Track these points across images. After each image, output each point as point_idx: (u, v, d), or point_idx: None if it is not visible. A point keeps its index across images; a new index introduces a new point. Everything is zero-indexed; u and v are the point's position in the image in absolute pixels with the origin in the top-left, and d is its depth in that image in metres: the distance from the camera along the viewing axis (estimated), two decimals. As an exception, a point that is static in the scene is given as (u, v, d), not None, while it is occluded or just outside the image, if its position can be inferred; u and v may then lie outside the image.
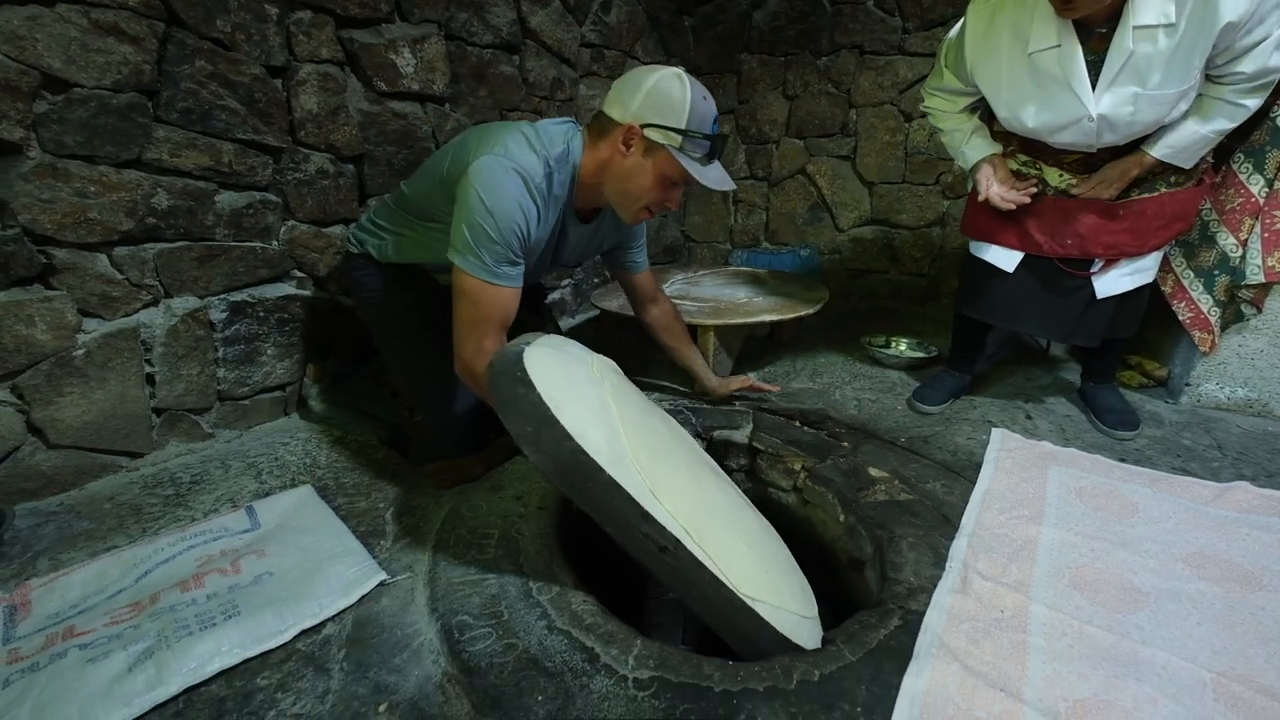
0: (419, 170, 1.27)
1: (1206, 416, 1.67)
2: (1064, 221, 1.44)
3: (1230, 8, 1.07)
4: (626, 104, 1.09)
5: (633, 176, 1.12)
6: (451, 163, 1.13)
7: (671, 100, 1.06)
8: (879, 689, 0.82)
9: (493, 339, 1.09)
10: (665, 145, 1.08)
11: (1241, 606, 0.97)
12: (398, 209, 1.27)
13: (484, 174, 1.03)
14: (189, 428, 1.44)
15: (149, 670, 0.81)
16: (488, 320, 1.08)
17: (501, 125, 1.14)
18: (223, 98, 1.33)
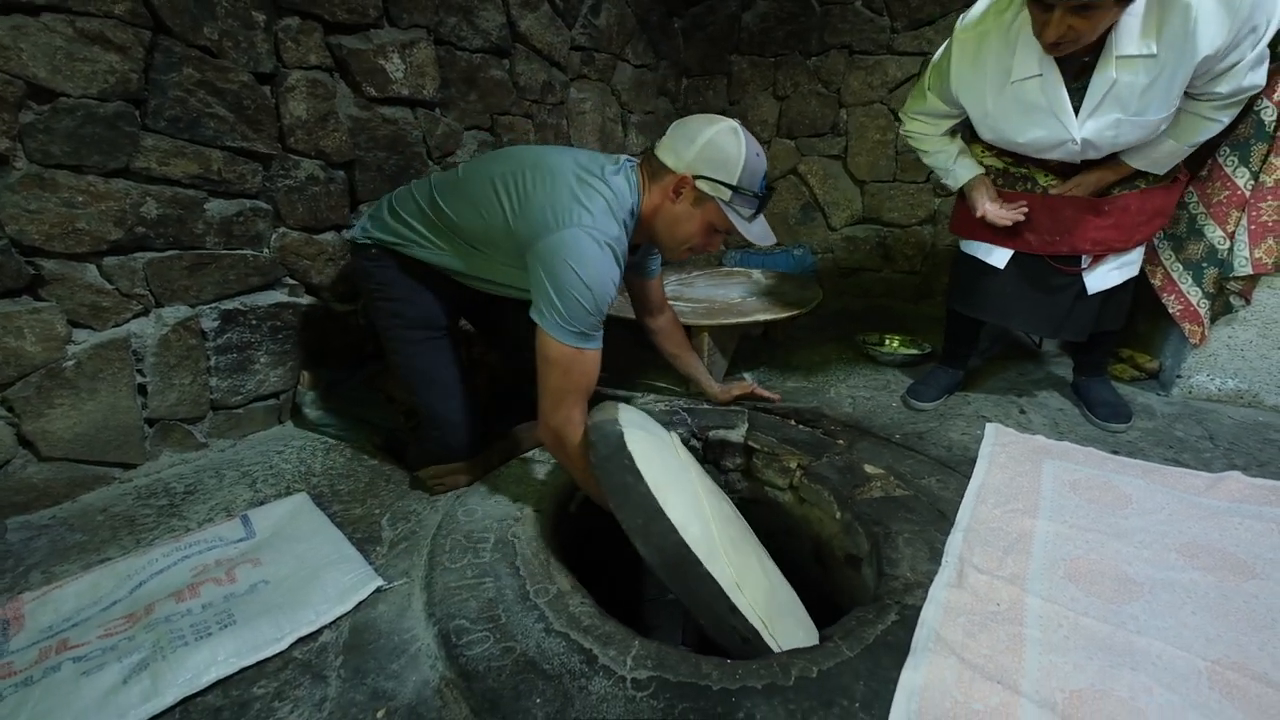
0: (458, 190, 1.19)
1: (1198, 408, 1.68)
2: (1052, 219, 1.45)
3: (1208, 41, 1.09)
4: (681, 153, 1.11)
5: (680, 223, 1.15)
6: (519, 215, 1.09)
7: (727, 156, 1.08)
8: (877, 684, 0.82)
9: (580, 407, 1.10)
10: (715, 197, 1.11)
11: (1235, 595, 0.98)
12: (439, 223, 1.21)
13: (578, 249, 1.03)
14: (182, 437, 1.43)
15: (144, 682, 0.81)
16: (577, 389, 1.08)
17: (571, 171, 1.10)
18: (211, 105, 1.32)
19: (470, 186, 1.18)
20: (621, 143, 2.72)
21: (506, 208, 1.11)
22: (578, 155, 1.16)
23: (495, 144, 2.07)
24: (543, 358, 1.06)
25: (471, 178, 1.19)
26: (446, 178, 1.24)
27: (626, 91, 2.67)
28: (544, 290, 1.04)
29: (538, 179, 1.10)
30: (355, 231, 1.32)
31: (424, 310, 1.30)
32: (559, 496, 1.28)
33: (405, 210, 1.26)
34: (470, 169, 1.22)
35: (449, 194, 1.21)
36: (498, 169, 1.15)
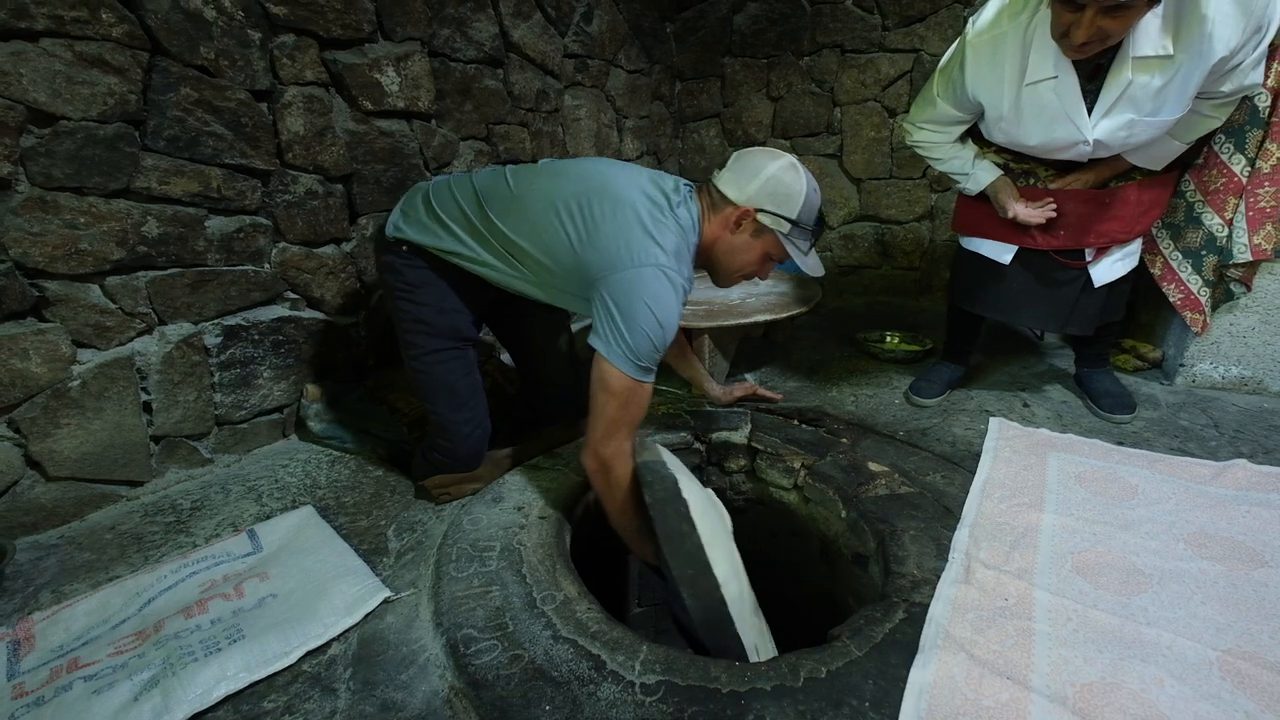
0: (515, 208, 1.16)
1: (1202, 396, 1.68)
2: (1057, 215, 1.45)
3: (1224, 42, 1.10)
4: (743, 187, 1.14)
5: (739, 253, 1.19)
6: (588, 245, 1.09)
7: (789, 192, 1.13)
8: (886, 683, 0.82)
9: (631, 439, 1.13)
10: (774, 230, 1.14)
11: (1244, 584, 0.98)
12: (486, 233, 1.18)
13: (655, 289, 1.05)
14: (188, 454, 1.44)
15: (155, 699, 0.81)
16: (631, 421, 1.10)
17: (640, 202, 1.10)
18: (209, 124, 1.34)
19: (529, 206, 1.15)
20: (617, 148, 2.73)
21: (572, 236, 1.11)
22: (641, 181, 1.15)
23: (492, 154, 2.09)
24: (603, 387, 1.07)
25: (530, 197, 1.16)
26: (494, 186, 1.20)
27: (621, 97, 2.69)
28: (614, 323, 1.05)
29: (605, 209, 1.10)
30: (387, 227, 1.25)
31: (451, 320, 1.28)
32: (564, 503, 1.29)
33: (446, 212, 1.21)
34: (526, 184, 1.17)
35: (500, 207, 1.17)
36: (559, 191, 1.14)
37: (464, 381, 1.32)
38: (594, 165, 1.20)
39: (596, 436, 1.10)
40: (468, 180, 1.24)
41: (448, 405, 1.31)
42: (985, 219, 1.54)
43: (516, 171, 1.22)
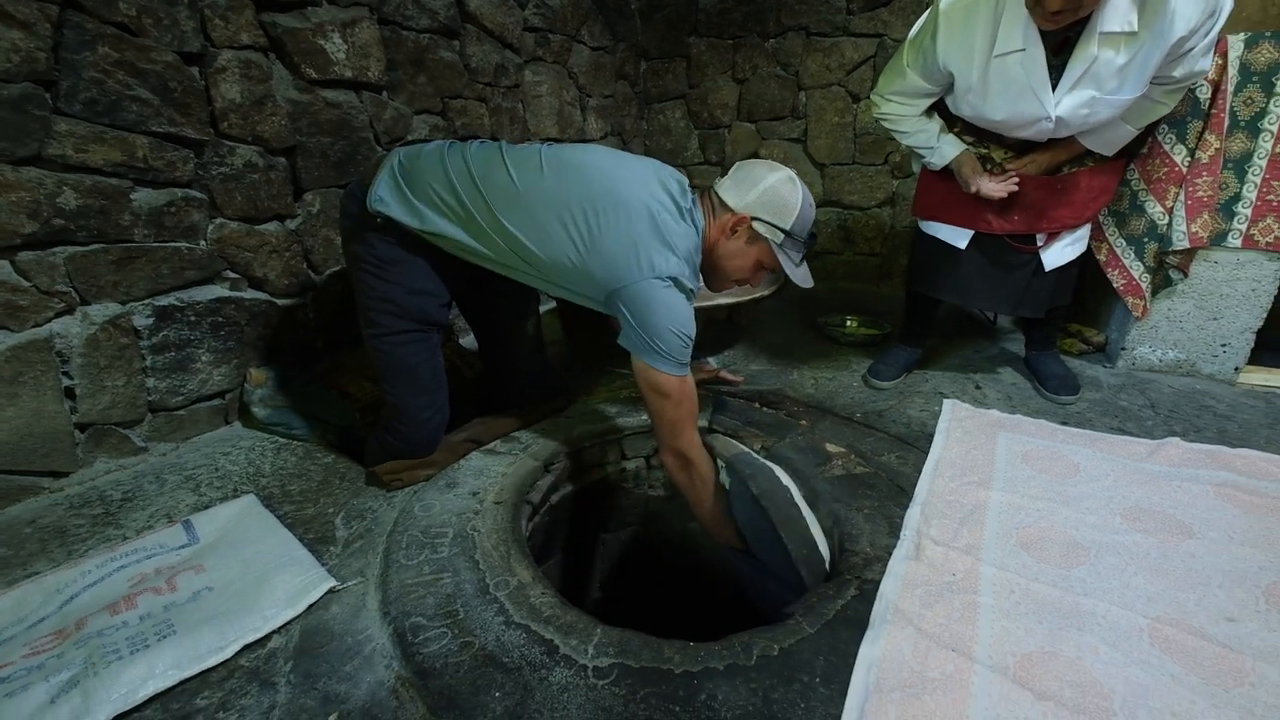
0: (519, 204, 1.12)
1: (1141, 378, 1.75)
2: (1011, 199, 1.48)
3: (1185, 20, 1.12)
4: (742, 195, 1.17)
5: (733, 258, 1.21)
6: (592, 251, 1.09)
7: (785, 203, 1.16)
8: (837, 658, 0.83)
9: (696, 430, 1.20)
10: (768, 239, 1.17)
11: (1174, 554, 1.02)
12: (486, 227, 1.14)
13: (668, 301, 1.09)
14: (118, 442, 1.36)
15: (74, 700, 0.76)
16: (692, 413, 1.17)
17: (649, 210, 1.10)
18: (132, 87, 1.24)
19: (534, 207, 1.12)
20: (580, 127, 2.67)
21: (577, 243, 1.11)
22: (650, 185, 1.13)
23: (448, 129, 2.01)
24: (655, 390, 1.13)
25: (534, 197, 1.12)
26: (494, 175, 1.14)
27: (584, 74, 2.62)
28: (639, 333, 1.09)
29: (612, 217, 1.09)
30: (369, 198, 1.16)
31: (420, 303, 1.23)
32: (521, 488, 1.26)
33: (436, 189, 1.14)
34: (531, 182, 1.12)
35: (505, 203, 1.12)
36: (565, 195, 1.11)
37: (426, 366, 1.28)
38: (599, 162, 1.16)
39: (667, 437, 1.17)
40: (462, 160, 1.16)
41: (407, 389, 1.27)
42: (944, 202, 1.56)
43: (518, 161, 1.15)
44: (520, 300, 1.47)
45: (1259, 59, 1.46)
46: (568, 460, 1.43)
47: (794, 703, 0.76)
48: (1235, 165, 1.55)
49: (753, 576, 1.25)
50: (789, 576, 1.09)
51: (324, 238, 1.68)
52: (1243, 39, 1.45)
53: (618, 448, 1.53)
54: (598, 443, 1.48)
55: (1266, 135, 1.51)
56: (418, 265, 1.21)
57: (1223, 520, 1.10)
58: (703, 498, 1.22)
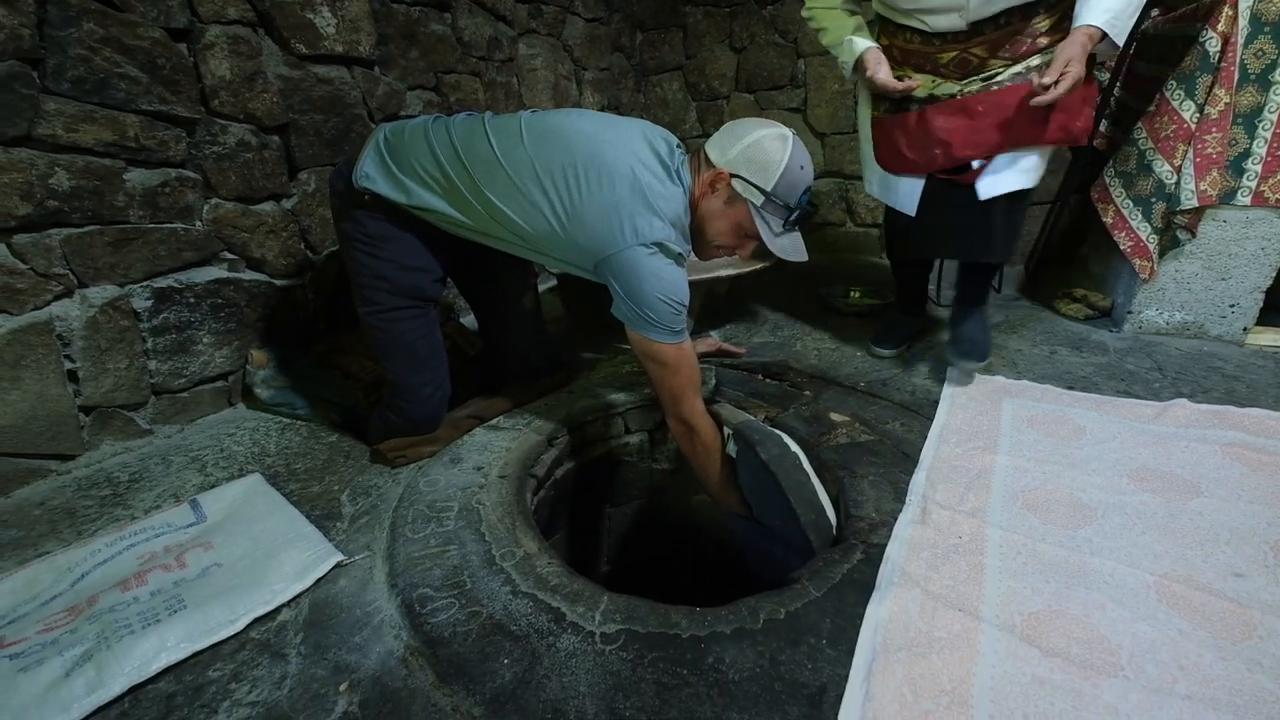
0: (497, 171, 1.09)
1: (1147, 341, 1.73)
2: (926, 132, 1.37)
3: None
4: (725, 150, 1.09)
5: (712, 219, 1.13)
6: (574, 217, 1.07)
7: (767, 160, 1.06)
8: (843, 620, 0.83)
9: (699, 397, 1.17)
10: (747, 200, 1.08)
11: (1181, 513, 1.02)
12: (471, 199, 1.12)
13: (649, 266, 1.05)
14: (123, 425, 1.36)
15: (88, 673, 0.77)
16: (693, 380, 1.14)
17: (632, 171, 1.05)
18: (120, 65, 1.22)
19: (514, 174, 1.09)
20: (577, 101, 2.62)
21: (558, 209, 1.08)
22: (635, 145, 1.09)
23: (442, 105, 1.98)
24: (651, 359, 1.11)
25: (513, 163, 1.09)
26: (475, 145, 1.12)
27: (579, 47, 2.57)
28: (628, 303, 1.07)
29: (593, 180, 1.06)
30: (356, 175, 1.15)
31: (413, 279, 1.22)
32: (526, 462, 1.26)
33: (424, 168, 1.13)
34: (510, 148, 1.10)
35: (484, 173, 1.10)
36: (544, 159, 1.08)
37: (424, 342, 1.27)
38: (582, 125, 1.12)
39: (670, 405, 1.15)
40: (446, 133, 1.15)
41: (406, 366, 1.26)
42: (886, 153, 1.49)
43: (498, 129, 1.13)
44: (517, 276, 1.45)
45: (1270, 9, 1.41)
46: (571, 435, 1.42)
47: (801, 664, 0.77)
48: (1245, 120, 1.51)
49: (757, 542, 1.26)
50: (796, 540, 1.09)
51: (321, 217, 1.67)
52: (1256, -12, 1.41)
53: (621, 422, 1.53)
54: (601, 417, 1.48)
55: (1278, 88, 1.47)
56: (408, 241, 1.20)
57: (1231, 479, 1.10)
58: (707, 465, 1.21)
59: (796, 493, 1.08)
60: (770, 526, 1.19)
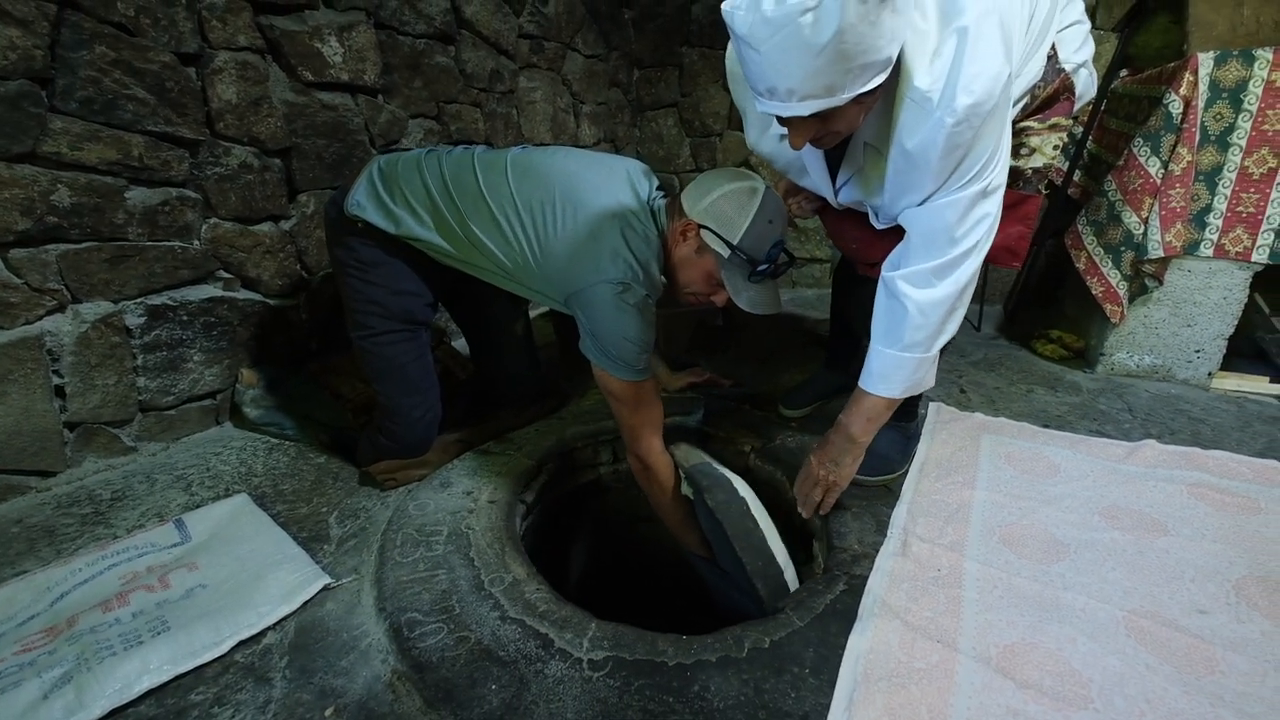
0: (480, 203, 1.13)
1: (1119, 383, 1.80)
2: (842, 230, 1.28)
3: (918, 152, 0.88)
4: (696, 201, 1.09)
5: (684, 267, 1.13)
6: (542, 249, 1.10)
7: (734, 214, 1.05)
8: (826, 650, 0.85)
9: (658, 435, 1.18)
10: (715, 251, 1.08)
11: (1149, 551, 1.06)
12: (458, 229, 1.15)
13: (611, 304, 1.06)
14: (108, 442, 1.35)
15: (68, 695, 0.76)
16: (651, 418, 1.15)
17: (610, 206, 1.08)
18: (129, 87, 1.24)
19: (495, 207, 1.13)
20: (574, 134, 2.69)
21: (531, 242, 1.11)
22: (615, 186, 1.12)
23: (443, 133, 2.02)
24: (610, 394, 1.13)
25: (495, 197, 1.13)
26: (463, 178, 1.16)
27: (578, 81, 2.65)
28: (592, 336, 1.08)
29: (567, 215, 1.09)
30: (347, 203, 1.18)
31: (405, 304, 1.24)
32: (516, 487, 1.27)
33: (415, 198, 1.16)
34: (494, 183, 1.14)
35: (470, 206, 1.14)
36: (524, 195, 1.12)
37: (415, 365, 1.29)
38: (566, 164, 1.16)
39: (628, 441, 1.18)
40: (438, 166, 1.19)
41: (398, 388, 1.27)
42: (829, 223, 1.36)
43: (486, 164, 1.17)
44: (509, 302, 1.48)
45: (1227, 76, 1.52)
46: (561, 460, 1.44)
47: (785, 692, 0.78)
48: (1206, 178, 1.61)
49: (717, 584, 1.26)
50: (746, 587, 1.08)
51: (318, 239, 1.69)
52: (1213, 56, 1.51)
53: (610, 448, 1.54)
54: (590, 443, 1.50)
55: (1235, 149, 1.57)
56: (399, 267, 1.22)
57: (1195, 518, 1.14)
58: (663, 504, 1.22)
59: (742, 540, 1.08)
60: (726, 570, 1.19)
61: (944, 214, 0.92)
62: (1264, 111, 1.52)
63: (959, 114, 0.83)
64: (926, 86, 0.85)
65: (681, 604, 1.50)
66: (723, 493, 1.12)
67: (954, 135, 0.85)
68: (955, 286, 0.96)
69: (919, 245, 0.97)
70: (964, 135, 0.85)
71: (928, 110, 0.85)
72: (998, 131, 0.90)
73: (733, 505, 1.11)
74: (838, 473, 1.12)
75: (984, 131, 0.87)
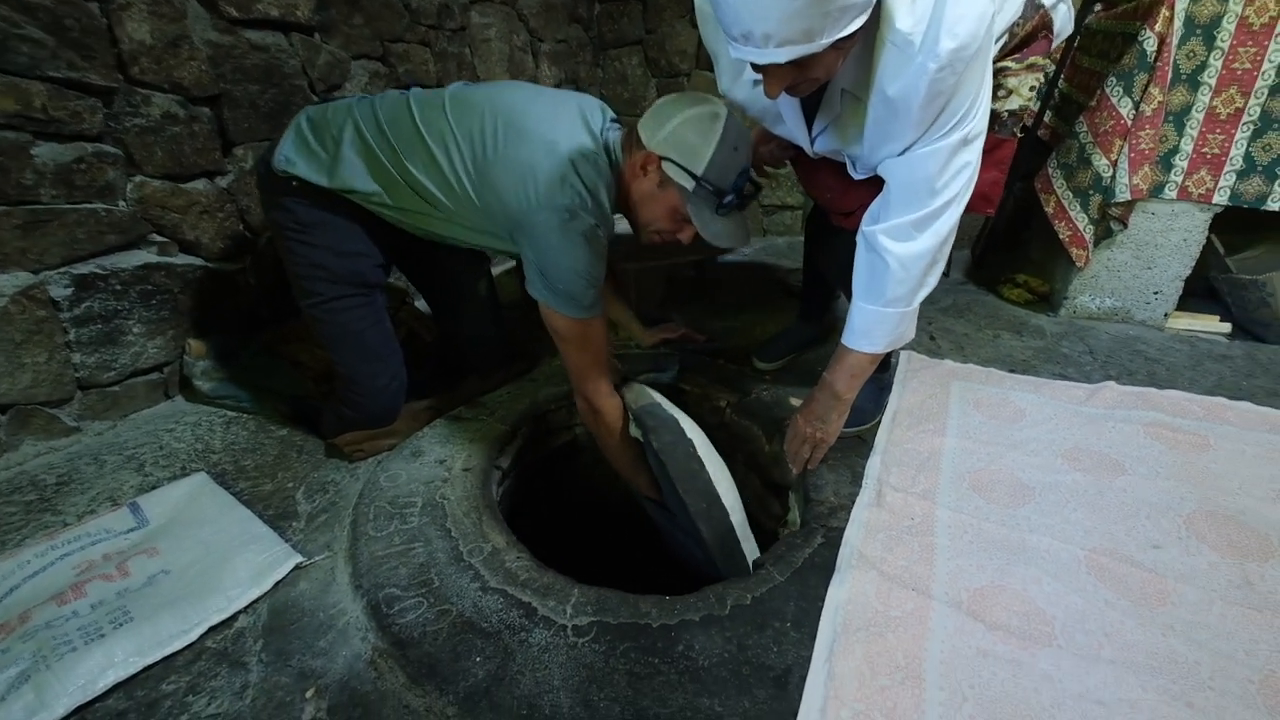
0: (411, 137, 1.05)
1: (1081, 326, 1.85)
2: (814, 177, 1.25)
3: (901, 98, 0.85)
4: (654, 131, 1.00)
5: (646, 203, 1.06)
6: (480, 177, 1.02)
7: (695, 143, 0.97)
8: (806, 603, 0.87)
9: (605, 375, 1.13)
10: (679, 184, 1.00)
11: (1108, 490, 1.10)
12: (398, 176, 1.06)
13: (560, 231, 0.98)
14: (46, 423, 1.26)
15: (27, 696, 0.73)
16: (597, 360, 1.10)
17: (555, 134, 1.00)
18: (20, 26, 1.09)
19: (433, 143, 1.04)
20: (533, 74, 2.53)
21: (470, 169, 1.02)
22: (562, 115, 1.03)
23: (390, 76, 1.87)
24: (556, 334, 1.07)
25: (435, 134, 1.04)
26: (399, 118, 1.07)
27: (535, 17, 2.47)
28: (537, 269, 1.01)
29: (506, 144, 1.00)
30: (275, 159, 1.09)
31: (352, 265, 1.16)
32: (490, 454, 1.25)
33: (346, 143, 1.07)
34: (431, 119, 1.05)
35: (407, 145, 1.05)
36: (463, 128, 1.03)
37: (373, 330, 1.22)
38: (511, 94, 1.07)
39: (575, 383, 1.13)
40: (371, 110, 1.09)
41: (356, 356, 1.21)
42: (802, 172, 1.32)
43: (423, 102, 1.08)
44: (467, 260, 1.41)
45: (1202, 11, 1.49)
46: (535, 424, 1.41)
47: (767, 647, 0.80)
48: (1175, 119, 1.60)
49: (666, 528, 1.24)
50: (692, 531, 1.05)
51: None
52: (1188, -10, 1.48)
53: (585, 409, 1.52)
54: (564, 405, 1.47)
55: (1205, 89, 1.56)
56: (342, 226, 1.14)
57: (1151, 457, 1.19)
58: (611, 446, 1.18)
59: (685, 482, 1.04)
60: (675, 513, 1.15)
61: (925, 164, 0.90)
62: (1235, 49, 1.51)
63: (942, 59, 0.79)
64: (908, 29, 0.80)
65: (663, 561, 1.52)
66: (669, 434, 1.07)
67: (936, 82, 0.81)
68: (936, 239, 0.94)
69: (899, 197, 0.94)
70: (947, 82, 0.81)
71: (909, 54, 0.81)
72: (980, 76, 0.87)
73: (678, 446, 1.06)
74: (825, 429, 1.13)
75: (966, 77, 0.83)
